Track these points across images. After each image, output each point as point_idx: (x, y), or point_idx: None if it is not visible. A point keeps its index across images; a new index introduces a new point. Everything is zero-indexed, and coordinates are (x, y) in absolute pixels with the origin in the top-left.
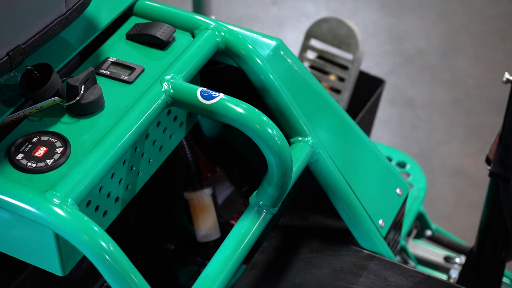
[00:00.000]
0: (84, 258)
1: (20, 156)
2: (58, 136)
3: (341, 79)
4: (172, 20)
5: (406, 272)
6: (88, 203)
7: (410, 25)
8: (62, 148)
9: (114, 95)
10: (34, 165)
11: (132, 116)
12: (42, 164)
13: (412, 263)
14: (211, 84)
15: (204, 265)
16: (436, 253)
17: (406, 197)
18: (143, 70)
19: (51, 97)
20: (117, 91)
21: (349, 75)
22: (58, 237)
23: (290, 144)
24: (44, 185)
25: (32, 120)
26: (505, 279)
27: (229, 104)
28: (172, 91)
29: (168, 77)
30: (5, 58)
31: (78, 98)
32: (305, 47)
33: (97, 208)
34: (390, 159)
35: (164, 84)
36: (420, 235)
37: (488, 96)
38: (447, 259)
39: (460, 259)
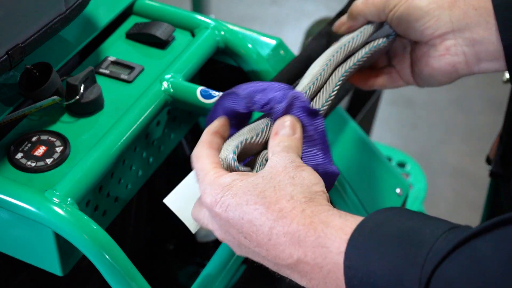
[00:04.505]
0: (83, 258)
1: (19, 155)
2: (58, 135)
3: None
4: (172, 19)
5: None
6: (88, 202)
7: None
8: (61, 148)
9: (113, 95)
10: (33, 164)
11: (131, 115)
12: (41, 163)
13: None
14: (211, 83)
15: (204, 265)
16: None
17: (406, 197)
18: (142, 69)
19: (50, 96)
20: (116, 90)
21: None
22: (57, 237)
23: None
24: (43, 184)
25: (32, 119)
26: None
27: None
28: (171, 90)
29: (168, 76)
30: (4, 57)
31: (77, 97)
32: None
33: (96, 207)
34: (390, 159)
35: (163, 83)
36: None
37: (488, 96)
38: None
39: None
